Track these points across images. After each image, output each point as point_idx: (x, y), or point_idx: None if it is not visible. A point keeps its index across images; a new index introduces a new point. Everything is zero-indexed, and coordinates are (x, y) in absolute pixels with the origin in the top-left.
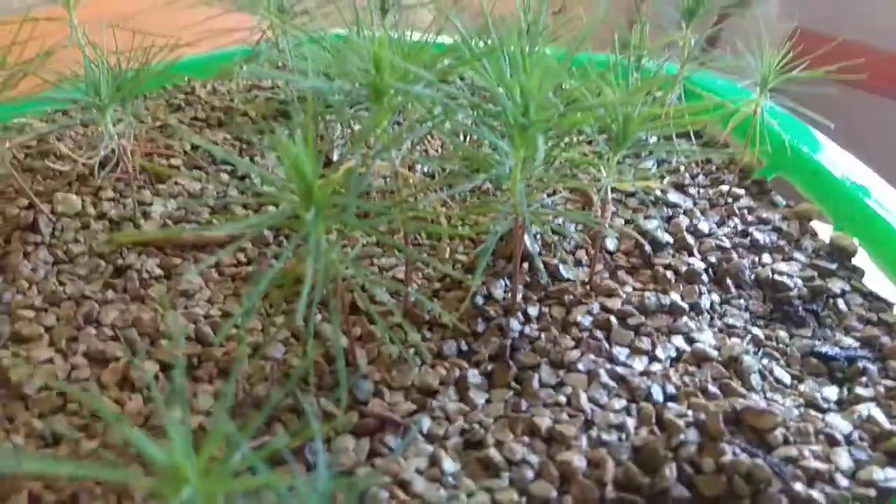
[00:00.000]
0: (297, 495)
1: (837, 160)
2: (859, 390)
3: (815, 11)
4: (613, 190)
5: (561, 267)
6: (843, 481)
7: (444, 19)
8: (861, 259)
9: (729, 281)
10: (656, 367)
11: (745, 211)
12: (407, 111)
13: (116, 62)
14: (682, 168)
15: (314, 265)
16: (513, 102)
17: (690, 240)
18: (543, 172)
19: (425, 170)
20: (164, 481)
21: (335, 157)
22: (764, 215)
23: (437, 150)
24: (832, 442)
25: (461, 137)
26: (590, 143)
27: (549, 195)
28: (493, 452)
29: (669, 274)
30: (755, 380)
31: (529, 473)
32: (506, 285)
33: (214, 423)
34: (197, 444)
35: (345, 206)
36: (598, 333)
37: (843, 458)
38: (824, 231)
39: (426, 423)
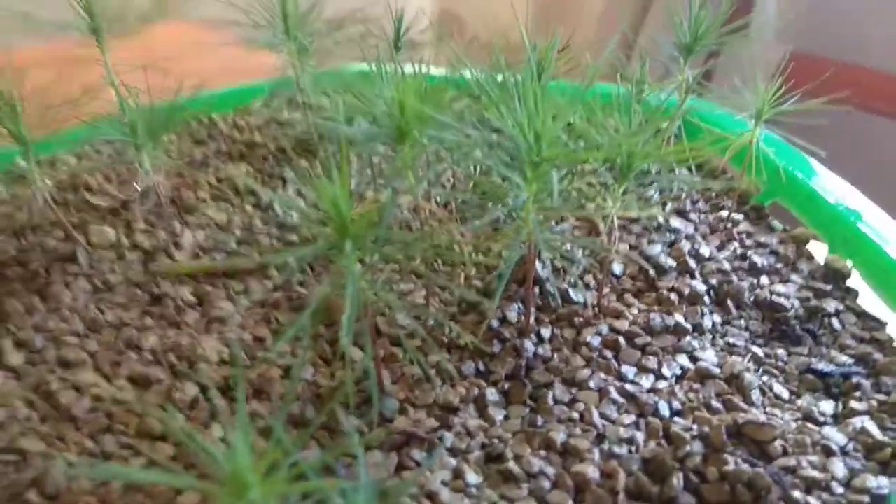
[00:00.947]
0: (348, 500)
1: (831, 186)
2: (854, 404)
3: (812, 34)
4: (618, 217)
5: (570, 291)
6: (839, 489)
7: (456, 59)
8: (855, 280)
9: (730, 302)
10: (662, 384)
11: (744, 235)
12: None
13: (149, 102)
14: (683, 194)
15: (350, 294)
16: (526, 142)
17: (692, 263)
18: (554, 203)
19: (437, 198)
20: (227, 487)
21: (352, 186)
22: (762, 239)
23: (449, 179)
24: (828, 452)
25: (473, 168)
26: (594, 172)
27: (556, 222)
28: (512, 465)
29: (673, 296)
30: (755, 395)
31: (547, 484)
32: (519, 308)
33: (271, 435)
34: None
35: (376, 239)
36: (608, 353)
37: (839, 468)
38: (820, 253)
39: (449, 438)
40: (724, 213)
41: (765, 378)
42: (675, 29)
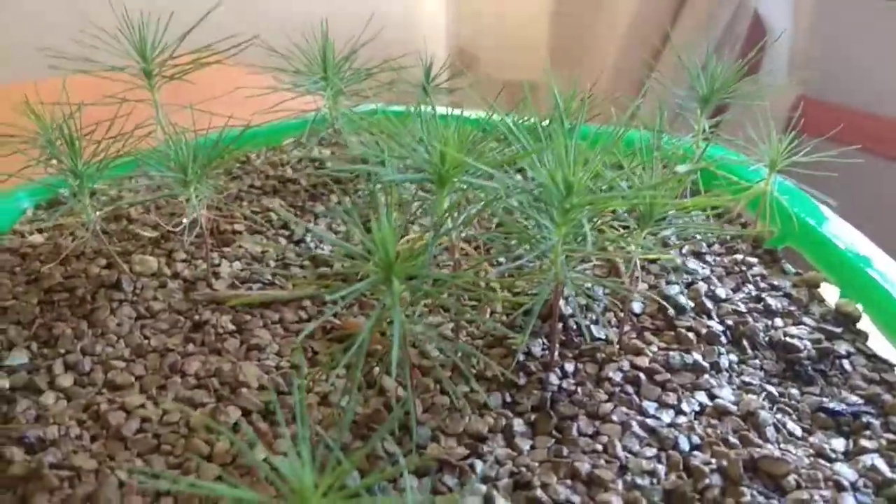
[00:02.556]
0: None
1: (842, 233)
2: (864, 442)
3: (822, 79)
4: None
5: (593, 328)
6: None
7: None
8: (865, 323)
9: (745, 342)
10: (682, 419)
11: (759, 278)
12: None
13: (195, 141)
14: (699, 237)
15: (397, 332)
16: (557, 190)
17: (709, 304)
18: (584, 247)
19: (464, 235)
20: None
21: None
22: (775, 282)
23: (478, 219)
24: (839, 488)
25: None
26: (615, 213)
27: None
28: (539, 493)
29: (691, 335)
30: (770, 432)
31: None
32: (543, 343)
33: (329, 455)
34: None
35: (415, 276)
36: (629, 388)
37: (850, 503)
38: (831, 296)
39: (480, 465)
40: (739, 257)
41: (779, 416)
42: (691, 80)
